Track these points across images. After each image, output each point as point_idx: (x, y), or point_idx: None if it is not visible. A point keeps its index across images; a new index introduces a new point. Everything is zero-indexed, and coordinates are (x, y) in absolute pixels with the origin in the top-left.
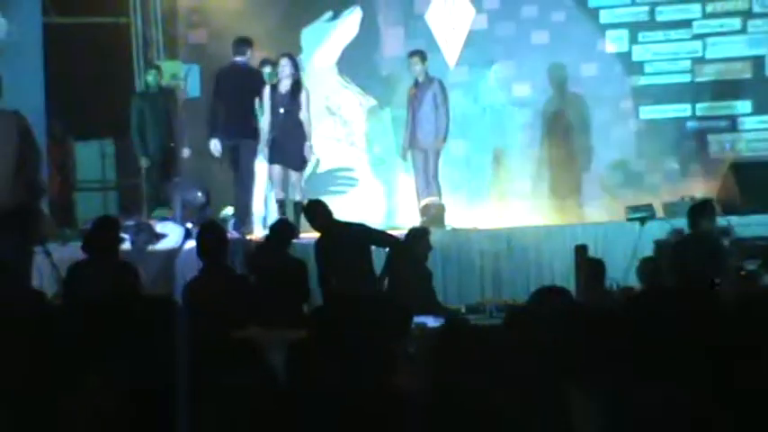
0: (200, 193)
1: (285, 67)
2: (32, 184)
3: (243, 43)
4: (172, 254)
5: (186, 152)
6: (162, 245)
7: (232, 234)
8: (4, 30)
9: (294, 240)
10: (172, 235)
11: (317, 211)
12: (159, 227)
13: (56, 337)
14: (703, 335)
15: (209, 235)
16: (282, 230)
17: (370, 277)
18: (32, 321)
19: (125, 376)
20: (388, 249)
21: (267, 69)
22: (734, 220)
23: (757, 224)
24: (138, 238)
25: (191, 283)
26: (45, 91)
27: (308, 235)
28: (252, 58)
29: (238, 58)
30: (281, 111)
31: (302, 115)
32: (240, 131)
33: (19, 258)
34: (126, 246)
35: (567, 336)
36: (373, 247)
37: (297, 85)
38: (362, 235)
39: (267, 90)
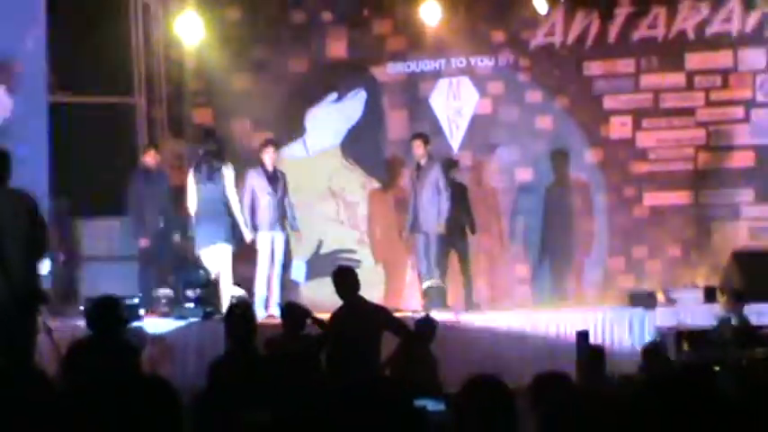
0: (201, 272)
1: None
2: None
3: None
4: (173, 334)
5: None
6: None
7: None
8: (10, 108)
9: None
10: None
11: (345, 279)
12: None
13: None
14: (702, 424)
15: (238, 317)
16: (294, 312)
17: (374, 359)
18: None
19: None
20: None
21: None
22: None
23: (759, 313)
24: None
25: (215, 364)
26: (49, 169)
27: None
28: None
29: None
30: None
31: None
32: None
33: (28, 340)
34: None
35: (567, 421)
36: None
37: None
38: (381, 318)
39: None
